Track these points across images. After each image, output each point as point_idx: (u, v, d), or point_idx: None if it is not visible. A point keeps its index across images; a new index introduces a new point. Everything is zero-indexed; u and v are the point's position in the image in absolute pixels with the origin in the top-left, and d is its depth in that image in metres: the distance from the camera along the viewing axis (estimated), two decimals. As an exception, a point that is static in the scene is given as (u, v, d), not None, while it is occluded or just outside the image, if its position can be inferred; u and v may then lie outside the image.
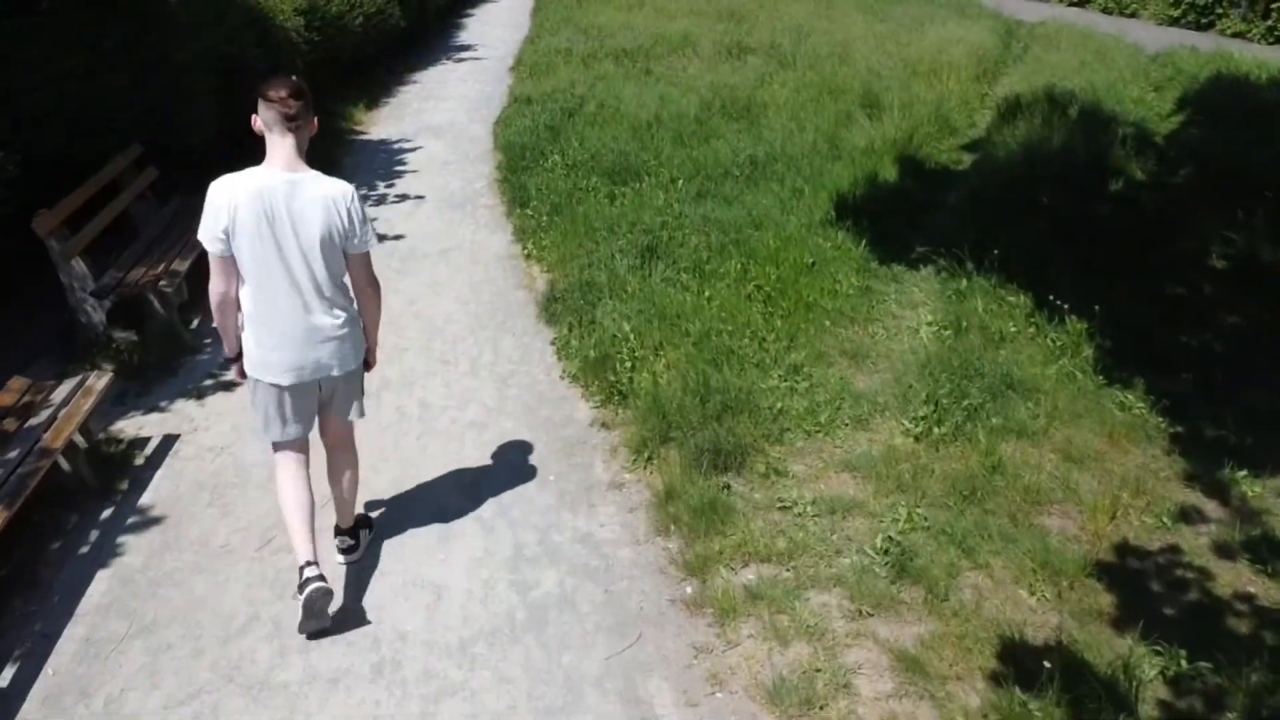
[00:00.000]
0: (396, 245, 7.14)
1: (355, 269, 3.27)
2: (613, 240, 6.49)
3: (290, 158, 3.06)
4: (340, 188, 3.14)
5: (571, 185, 7.77)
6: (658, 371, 4.92)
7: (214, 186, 3.03)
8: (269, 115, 3.01)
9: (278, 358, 3.21)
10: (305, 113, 3.04)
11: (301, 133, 3.07)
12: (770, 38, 12.63)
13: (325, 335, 3.23)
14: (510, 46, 15.76)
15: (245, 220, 2.99)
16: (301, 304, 3.15)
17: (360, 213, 3.18)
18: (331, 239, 3.11)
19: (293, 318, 3.16)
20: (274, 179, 3.01)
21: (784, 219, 6.79)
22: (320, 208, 3.06)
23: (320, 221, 3.06)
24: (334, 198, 3.10)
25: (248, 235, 3.01)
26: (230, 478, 4.30)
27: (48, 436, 3.82)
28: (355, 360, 3.39)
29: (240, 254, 3.06)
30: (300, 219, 3.04)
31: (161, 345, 5.39)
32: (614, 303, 5.65)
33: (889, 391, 4.72)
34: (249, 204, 2.98)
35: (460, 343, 5.58)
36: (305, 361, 3.23)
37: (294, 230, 3.04)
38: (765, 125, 8.98)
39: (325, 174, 3.20)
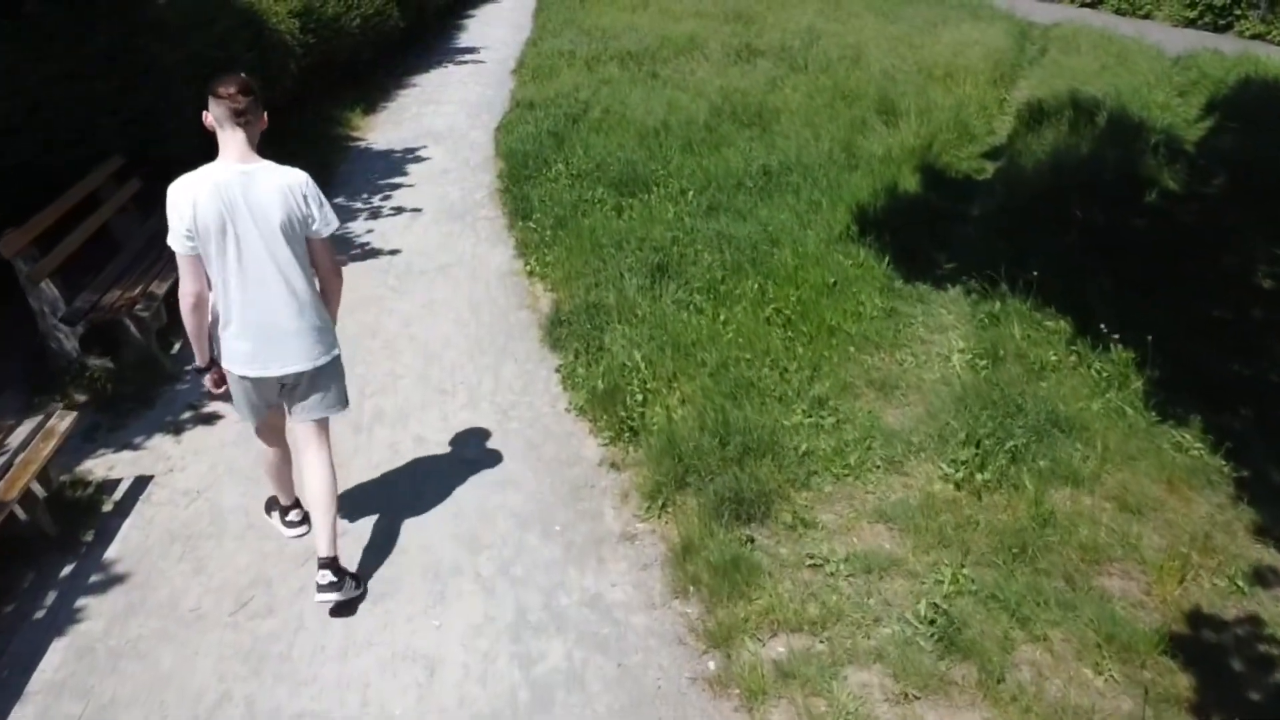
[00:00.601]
0: (393, 261, 6.77)
1: (318, 254, 3.28)
2: (621, 257, 6.12)
3: (243, 151, 3.07)
4: (296, 175, 3.14)
5: (576, 196, 7.40)
6: (671, 406, 4.55)
7: (172, 188, 3.06)
8: (219, 111, 3.03)
9: (249, 349, 3.22)
10: (254, 108, 3.07)
11: (251, 127, 3.09)
12: (780, 40, 12.26)
13: (295, 328, 3.24)
14: (512, 48, 15.39)
15: (206, 216, 3.01)
16: (270, 296, 3.17)
17: (318, 197, 3.19)
18: (292, 226, 3.13)
19: (262, 310, 3.18)
20: (228, 172, 3.04)
21: (801, 234, 6.42)
22: (278, 195, 3.08)
23: (280, 209, 3.08)
24: (290, 185, 3.11)
25: (212, 232, 3.04)
26: (205, 526, 3.93)
27: (0, 487, 3.45)
28: (327, 355, 3.39)
29: (206, 250, 3.08)
30: (260, 209, 3.06)
31: (138, 374, 5.03)
32: (623, 327, 5.28)
33: (923, 429, 4.34)
34: (208, 200, 3.01)
35: (459, 370, 5.21)
36: (276, 355, 3.25)
37: (254, 221, 3.07)
38: (778, 132, 8.61)
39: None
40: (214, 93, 3.03)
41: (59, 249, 5.05)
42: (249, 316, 3.18)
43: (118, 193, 5.98)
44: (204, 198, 3.00)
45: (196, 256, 3.10)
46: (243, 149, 3.07)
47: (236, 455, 4.40)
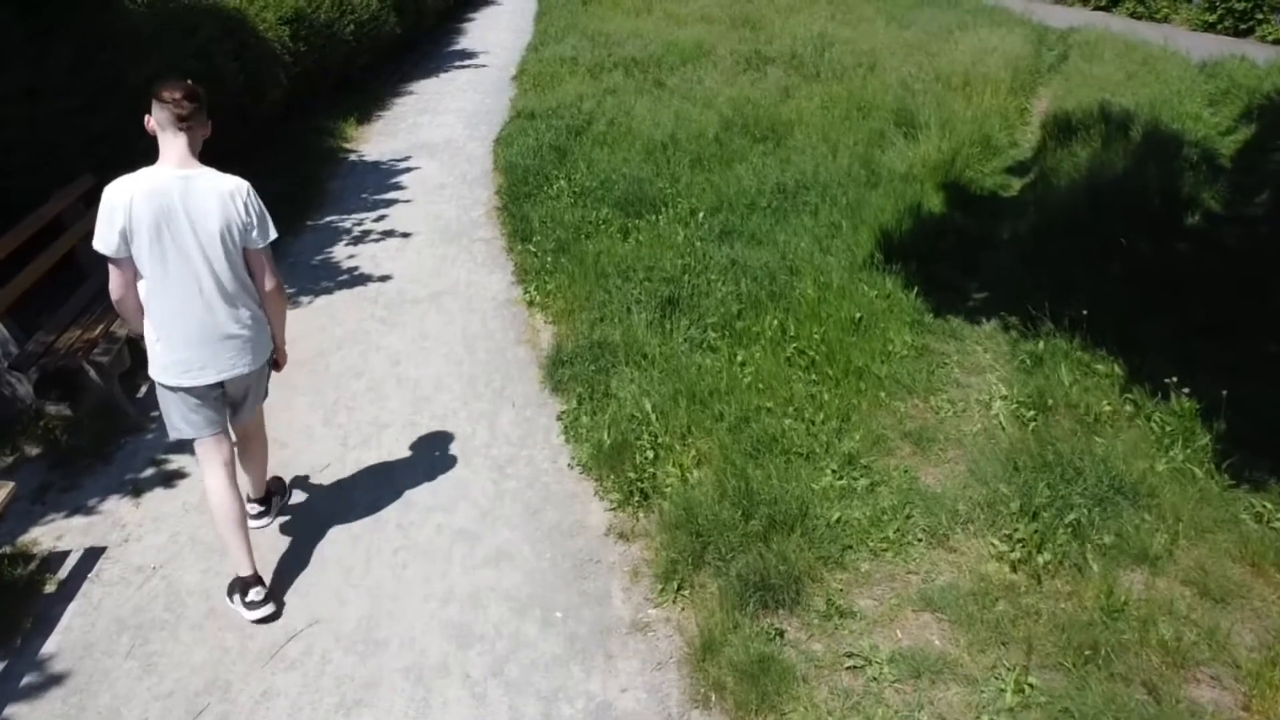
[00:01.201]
0: (382, 288, 6.31)
1: (256, 265, 3.23)
2: (627, 288, 5.65)
3: (183, 156, 3.05)
4: (235, 182, 3.11)
5: (579, 217, 6.94)
6: (686, 465, 4.08)
7: (108, 189, 2.99)
8: (162, 115, 3.01)
9: (182, 358, 3.18)
10: (198, 114, 3.05)
11: (194, 133, 3.06)
12: (790, 47, 11.79)
13: (229, 334, 3.21)
14: (513, 54, 14.96)
15: (141, 219, 2.97)
16: (204, 303, 3.13)
17: (258, 206, 3.17)
18: (230, 234, 3.10)
19: (196, 317, 3.14)
20: (167, 176, 3.01)
21: (822, 260, 5.95)
22: (217, 202, 3.05)
23: (218, 216, 3.05)
24: (230, 191, 3.08)
25: (145, 235, 2.98)
26: (159, 613, 3.47)
27: (-82, 579, 2.99)
28: (262, 357, 3.38)
29: (140, 255, 3.03)
30: (197, 215, 3.03)
31: (97, 423, 4.56)
32: (631, 370, 4.82)
33: (968, 495, 3.87)
34: (144, 203, 2.96)
35: (451, 417, 4.74)
36: (210, 362, 3.21)
37: (191, 227, 3.03)
38: (793, 147, 8.14)
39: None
40: (158, 96, 3.00)
41: (10, 285, 4.59)
42: (181, 323, 3.13)
43: (85, 217, 5.51)
44: (140, 201, 2.96)
45: (126, 259, 3.03)
46: (183, 154, 3.05)
47: (200, 524, 3.94)
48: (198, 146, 3.10)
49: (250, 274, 3.24)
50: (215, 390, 3.30)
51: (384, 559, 3.74)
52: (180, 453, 4.43)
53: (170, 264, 3.04)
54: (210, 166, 3.12)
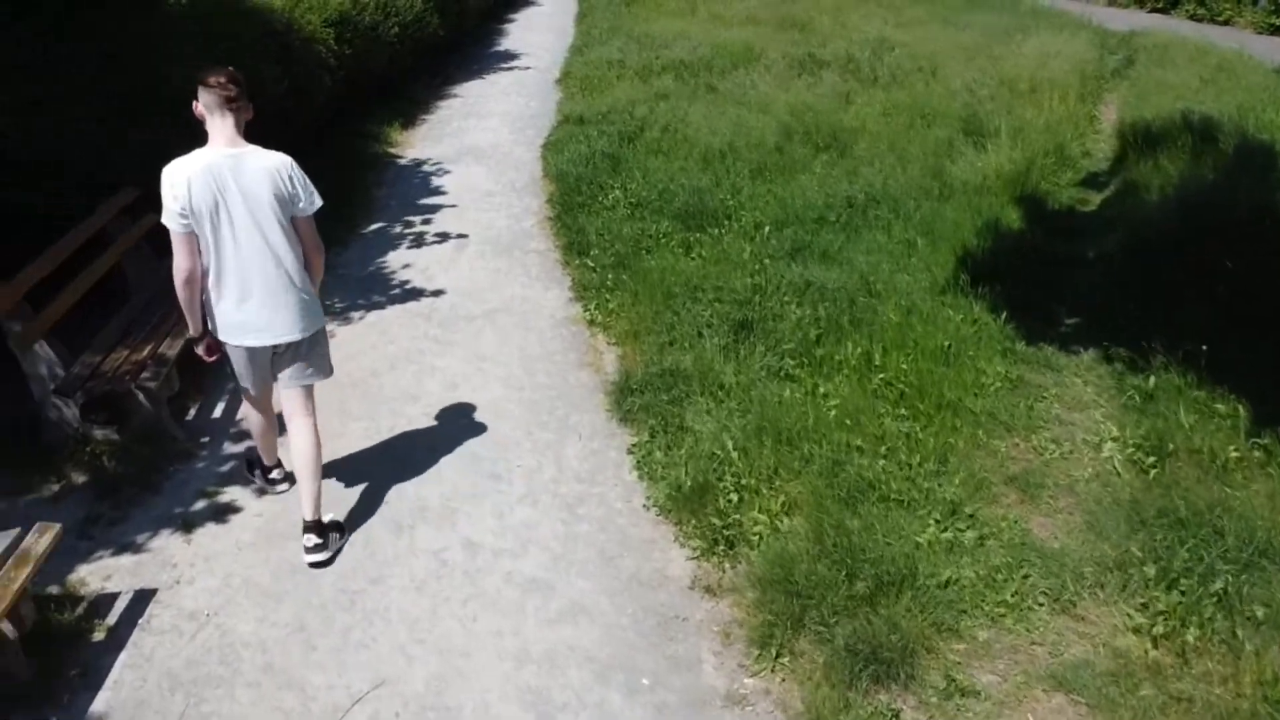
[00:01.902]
0: (435, 304, 6.04)
1: (303, 231, 3.48)
2: (695, 308, 5.35)
3: (231, 136, 3.29)
4: (280, 158, 3.35)
5: (638, 230, 6.64)
6: (774, 511, 3.77)
7: (166, 171, 3.25)
8: (209, 99, 3.25)
9: (245, 320, 3.45)
10: (242, 96, 3.29)
11: (239, 114, 3.31)
12: (845, 50, 11.42)
13: (287, 300, 3.46)
14: (556, 56, 14.69)
15: (200, 197, 3.22)
16: (260, 271, 3.38)
17: (302, 178, 3.39)
18: (279, 205, 3.34)
19: (253, 284, 3.40)
20: (218, 156, 3.26)
21: (899, 279, 5.61)
22: (265, 177, 3.29)
23: (267, 190, 3.30)
24: (275, 167, 3.32)
25: (205, 211, 3.25)
26: (214, 667, 3.20)
27: (-43, 636, 2.74)
28: (315, 325, 3.60)
29: (201, 230, 3.29)
30: (248, 190, 3.28)
31: (145, 450, 4.32)
32: (706, 401, 4.51)
33: (1090, 552, 3.53)
34: (200, 181, 3.21)
35: (514, 449, 4.46)
36: (267, 325, 3.47)
37: (244, 201, 3.28)
38: (858, 157, 7.79)
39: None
40: (204, 82, 3.25)
41: (55, 304, 4.36)
42: (242, 289, 3.40)
43: (129, 230, 5.29)
44: (197, 179, 3.21)
45: (190, 234, 3.29)
46: (231, 134, 3.29)
47: (254, 564, 3.68)
48: (242, 127, 3.34)
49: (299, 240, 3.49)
50: (272, 351, 3.58)
51: (452, 610, 3.45)
52: (231, 484, 4.19)
53: (230, 236, 3.32)
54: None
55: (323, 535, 3.66)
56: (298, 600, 3.48)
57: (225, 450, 4.45)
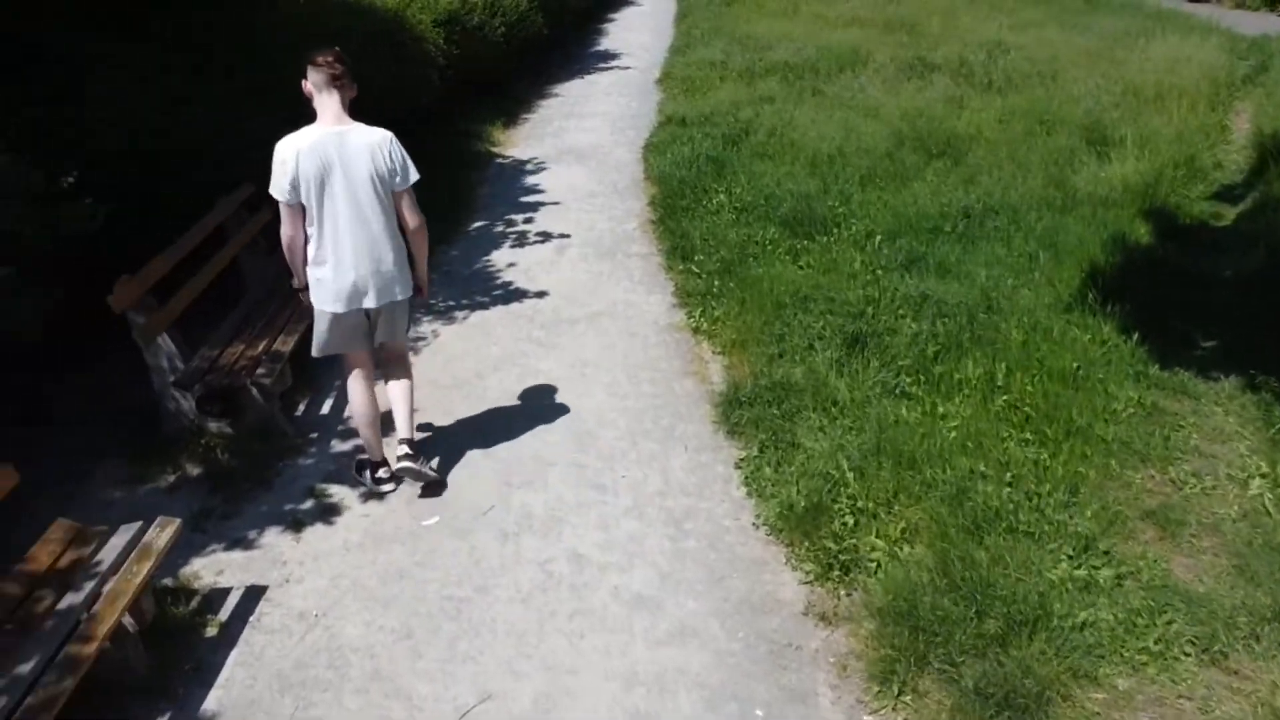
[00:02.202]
0: (538, 305, 6.00)
1: (401, 205, 3.72)
2: (805, 319, 5.18)
3: (337, 113, 3.56)
4: (380, 133, 3.60)
5: (744, 236, 6.50)
6: (893, 537, 3.59)
7: (278, 145, 3.53)
8: (318, 77, 3.54)
9: (346, 287, 3.67)
10: (347, 75, 3.57)
11: (345, 91, 3.57)
12: (957, 53, 11.04)
13: (385, 267, 3.71)
14: (655, 56, 14.64)
15: (307, 170, 3.48)
16: (363, 240, 3.64)
17: (401, 154, 3.64)
18: (379, 179, 3.59)
19: (359, 251, 3.64)
20: (326, 132, 3.52)
21: (1022, 295, 5.34)
22: (367, 151, 3.55)
23: (368, 163, 3.55)
24: (377, 143, 3.57)
25: (312, 182, 3.50)
26: (322, 670, 3.19)
27: (85, 629, 2.77)
28: (405, 291, 3.85)
29: (308, 201, 3.55)
30: (351, 164, 3.53)
31: (256, 445, 4.38)
32: (819, 417, 4.35)
33: (1240, 598, 3.26)
34: (308, 156, 3.48)
35: (619, 459, 4.37)
36: (368, 290, 3.71)
37: (347, 175, 3.54)
38: (973, 164, 7.49)
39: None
40: (313, 62, 3.53)
41: (179, 297, 4.45)
42: (341, 258, 3.63)
43: (247, 225, 5.39)
44: (305, 154, 3.47)
45: (296, 204, 3.56)
46: (338, 111, 3.56)
47: (362, 566, 3.67)
48: (347, 104, 3.58)
49: (398, 213, 3.73)
50: (366, 316, 3.80)
51: (558, 625, 3.38)
52: (339, 484, 4.20)
53: (333, 208, 3.56)
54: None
55: (415, 450, 4.00)
56: (404, 606, 3.46)
57: (333, 448, 4.47)
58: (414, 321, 5.76)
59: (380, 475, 4.13)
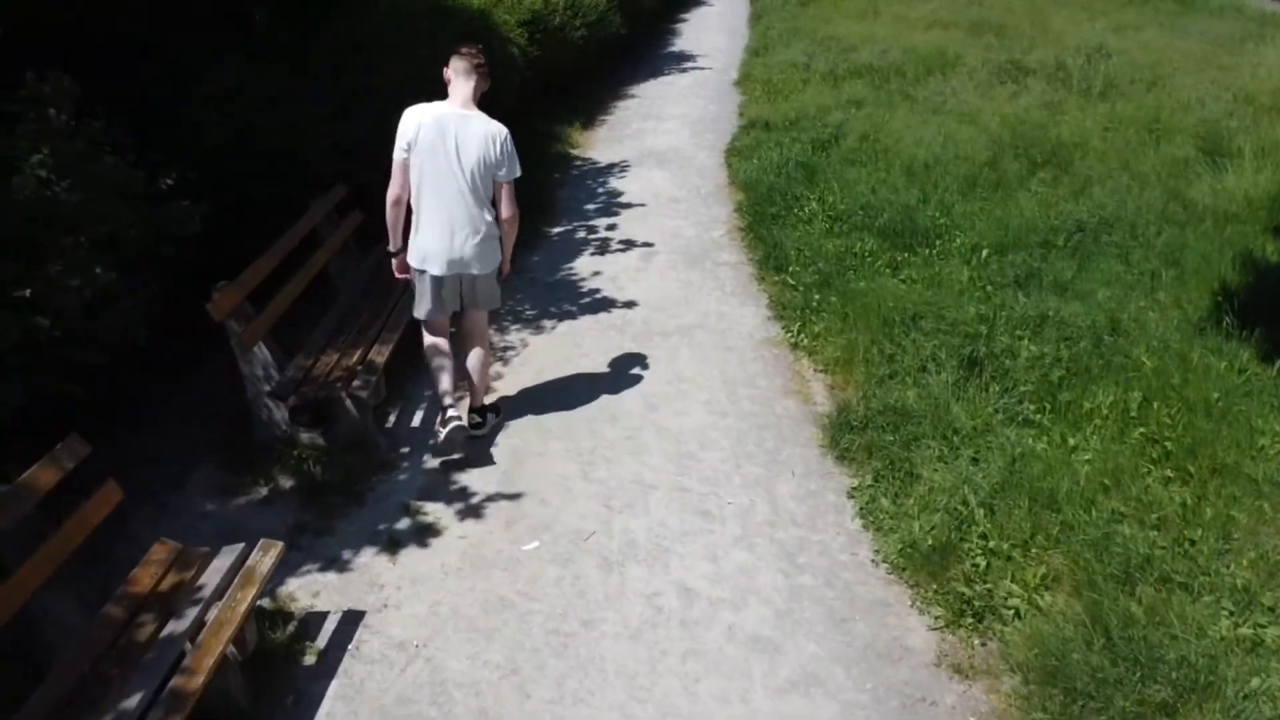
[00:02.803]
0: (628, 316, 5.82)
1: (501, 194, 3.99)
2: (916, 338, 4.91)
3: (466, 99, 3.89)
4: (497, 127, 3.89)
5: (841, 247, 6.24)
6: (1031, 584, 3.32)
7: (407, 111, 3.88)
8: (460, 64, 3.90)
9: (436, 250, 3.97)
10: (484, 68, 3.94)
11: (479, 81, 3.92)
12: (1053, 56, 10.60)
13: (471, 239, 3.97)
14: (731, 57, 14.40)
15: (425, 139, 3.81)
16: (454, 212, 3.90)
17: (510, 150, 3.91)
18: (485, 165, 3.86)
19: (450, 222, 3.92)
20: (451, 112, 3.85)
21: (1149, 317, 5.00)
22: (481, 139, 3.83)
23: (478, 150, 3.82)
24: (492, 134, 3.86)
25: (425, 151, 3.82)
26: (425, 707, 3.03)
27: (190, 661, 2.64)
28: (489, 266, 4.11)
29: (417, 165, 3.86)
30: (464, 146, 3.82)
31: (349, 458, 4.25)
32: (939, 446, 4.08)
33: None
34: (431, 126, 3.80)
35: (723, 483, 4.16)
36: (454, 257, 3.98)
37: (458, 154, 3.82)
38: (1080, 174, 7.11)
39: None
40: (457, 51, 3.93)
41: (274, 304, 4.35)
42: (438, 226, 3.93)
43: (340, 228, 5.30)
44: (428, 124, 3.81)
45: (406, 164, 3.89)
46: (466, 97, 3.89)
47: (462, 592, 3.51)
48: (478, 95, 3.93)
49: (494, 201, 3.99)
50: (451, 284, 4.06)
51: (670, 665, 3.17)
52: (434, 501, 4.06)
53: (438, 179, 3.84)
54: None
55: (483, 416, 4.45)
56: (508, 639, 3.28)
57: (426, 464, 4.33)
58: (502, 329, 5.62)
59: (449, 415, 4.16)
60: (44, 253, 3.49)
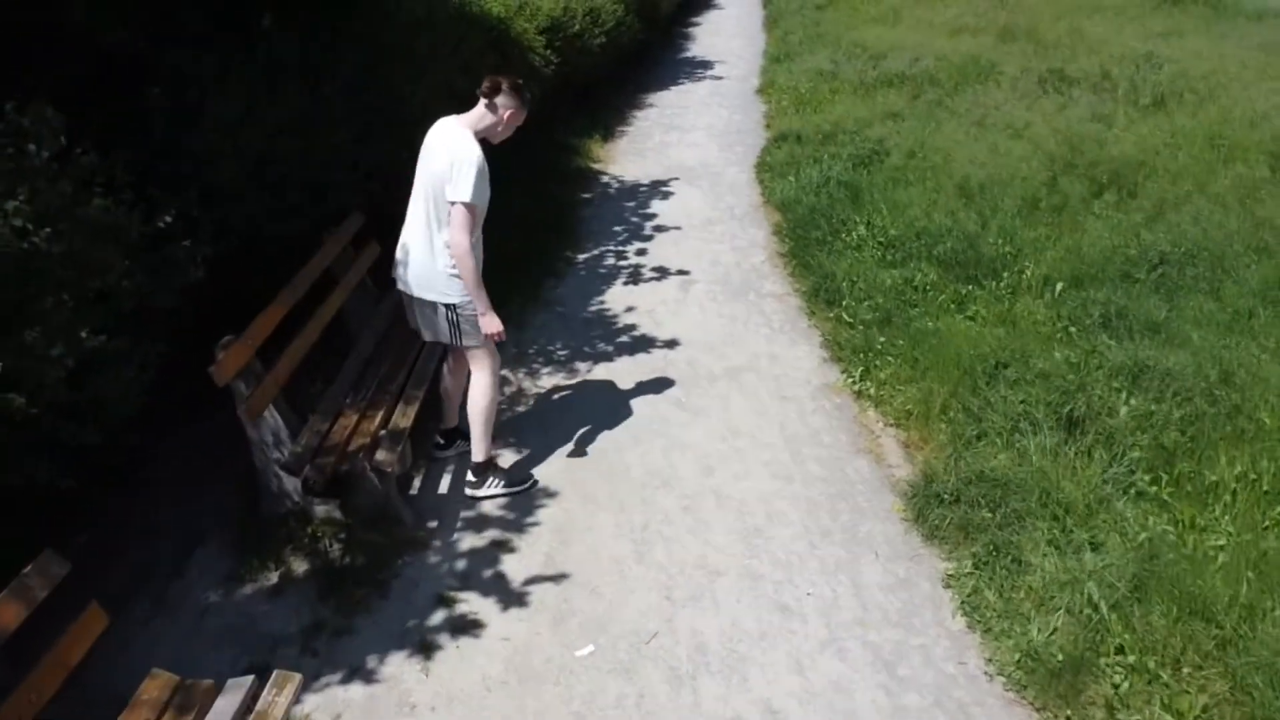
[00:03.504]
0: (670, 357, 5.30)
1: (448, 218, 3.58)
2: (1002, 390, 4.38)
3: (466, 118, 3.66)
4: (464, 147, 3.52)
5: (898, 279, 5.72)
6: (1191, 714, 2.80)
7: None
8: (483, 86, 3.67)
9: (398, 259, 3.80)
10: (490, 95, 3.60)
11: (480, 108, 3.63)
12: (1097, 65, 10.07)
13: (414, 260, 3.70)
14: (749, 63, 13.92)
15: (422, 148, 3.72)
16: (412, 227, 3.73)
17: (462, 169, 3.48)
18: (439, 182, 3.56)
19: (406, 236, 3.76)
20: (443, 124, 3.70)
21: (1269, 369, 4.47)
22: (444, 155, 3.55)
23: (438, 165, 3.56)
24: (455, 152, 3.52)
25: (419, 162, 3.72)
26: None
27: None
28: (434, 295, 3.70)
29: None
30: (430, 161, 3.64)
31: (372, 537, 3.74)
32: (1048, 526, 3.56)
33: None
34: (428, 136, 3.71)
35: (799, 568, 3.64)
36: (400, 273, 3.80)
37: (428, 166, 3.64)
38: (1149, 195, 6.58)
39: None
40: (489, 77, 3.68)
41: (285, 359, 3.82)
42: (401, 237, 3.78)
43: (356, 264, 4.78)
44: (429, 134, 3.71)
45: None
46: (467, 117, 3.65)
47: (510, 714, 2.99)
48: (477, 119, 3.62)
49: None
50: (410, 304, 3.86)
51: (764, 817, 2.66)
52: (471, 589, 3.55)
53: (413, 192, 3.72)
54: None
55: (478, 474, 4.02)
56: (570, 780, 2.77)
57: (459, 542, 3.82)
58: (533, 373, 5.11)
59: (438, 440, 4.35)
60: (19, 316, 2.97)
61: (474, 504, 4.00)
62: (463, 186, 3.46)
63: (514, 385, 5.01)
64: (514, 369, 5.16)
